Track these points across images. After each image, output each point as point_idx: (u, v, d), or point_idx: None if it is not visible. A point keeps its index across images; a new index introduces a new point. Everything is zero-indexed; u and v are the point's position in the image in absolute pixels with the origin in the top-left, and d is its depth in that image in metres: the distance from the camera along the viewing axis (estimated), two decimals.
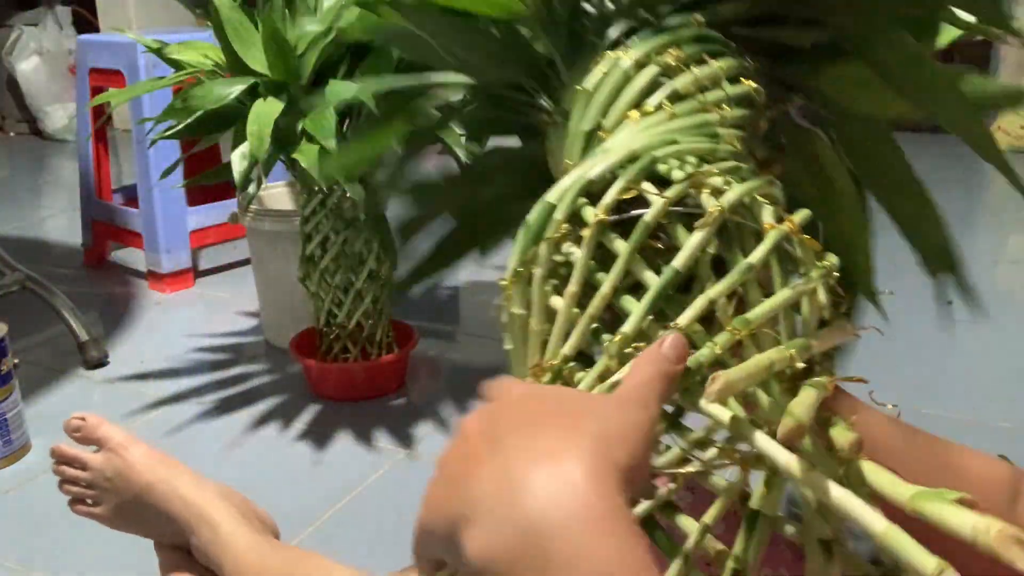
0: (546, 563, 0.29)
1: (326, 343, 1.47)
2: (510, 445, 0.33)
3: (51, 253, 2.30)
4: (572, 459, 0.32)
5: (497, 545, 0.31)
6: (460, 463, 0.35)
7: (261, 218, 1.61)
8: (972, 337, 1.63)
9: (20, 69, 3.49)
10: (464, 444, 0.35)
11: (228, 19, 1.25)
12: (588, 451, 0.32)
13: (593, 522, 0.30)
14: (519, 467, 0.32)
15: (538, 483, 0.31)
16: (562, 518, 0.30)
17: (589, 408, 0.35)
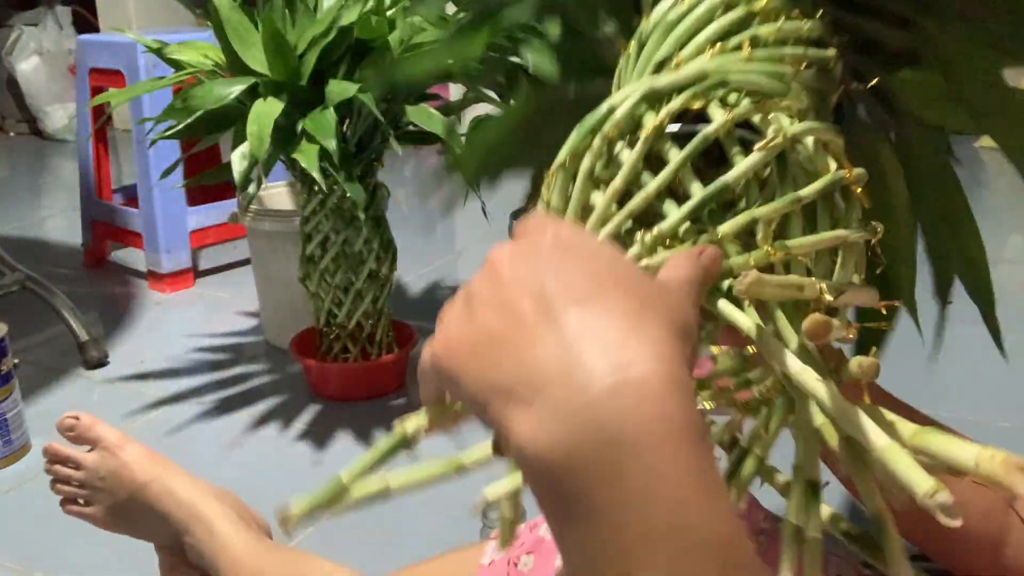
0: (617, 476, 0.26)
1: (326, 343, 1.47)
2: (573, 318, 0.29)
3: (51, 253, 2.30)
4: (649, 357, 0.28)
5: (560, 441, 0.27)
6: (507, 320, 0.30)
7: (261, 218, 1.61)
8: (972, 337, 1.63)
9: (20, 69, 3.49)
10: (508, 294, 0.30)
11: (228, 19, 1.25)
12: (664, 347, 0.28)
13: (673, 438, 0.27)
14: (588, 353, 0.28)
15: (612, 380, 0.27)
16: (640, 429, 0.26)
17: (653, 290, 0.31)
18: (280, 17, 1.29)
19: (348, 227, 1.39)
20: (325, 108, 1.22)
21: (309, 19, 1.31)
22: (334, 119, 1.20)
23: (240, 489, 1.25)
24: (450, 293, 1.96)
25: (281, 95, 1.22)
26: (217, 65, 1.34)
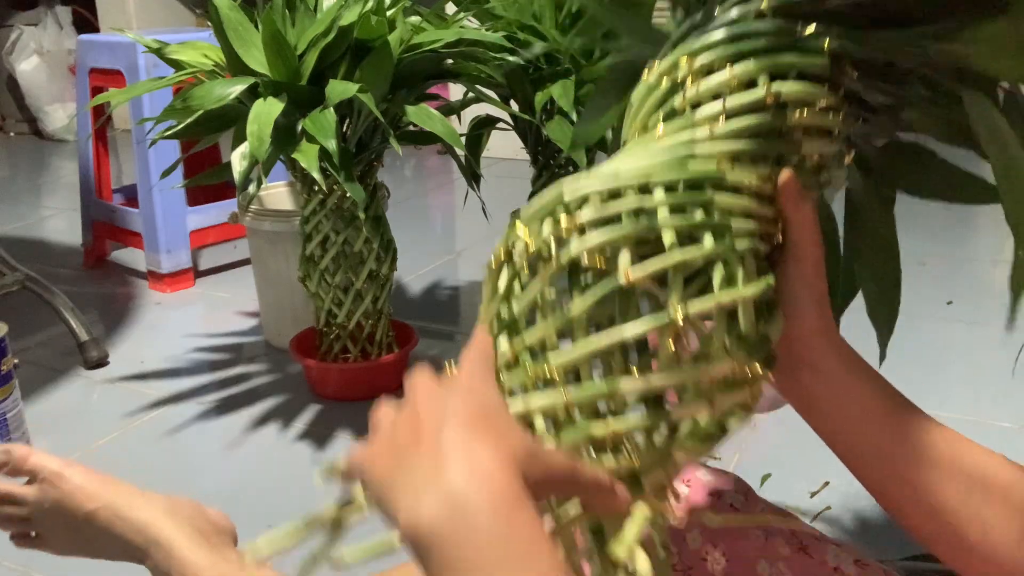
0: (469, 533, 0.37)
1: (326, 343, 1.47)
2: (447, 438, 0.41)
3: (51, 253, 2.30)
4: (489, 457, 0.40)
5: (423, 510, 0.38)
6: (408, 437, 0.42)
7: (261, 218, 1.61)
8: (972, 337, 1.63)
9: (20, 69, 3.49)
10: (414, 420, 0.43)
11: (228, 19, 1.25)
12: (496, 451, 0.41)
13: (507, 502, 0.38)
14: (449, 456, 0.40)
15: (461, 469, 0.39)
16: (483, 498, 0.38)
17: (491, 415, 0.43)
18: (280, 17, 1.29)
19: (348, 227, 1.39)
20: (325, 108, 1.22)
21: (309, 19, 1.31)
22: (334, 119, 1.20)
23: (240, 489, 1.25)
24: (450, 293, 1.96)
25: (281, 95, 1.22)
26: (217, 65, 1.34)
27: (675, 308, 0.46)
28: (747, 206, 0.50)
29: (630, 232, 0.47)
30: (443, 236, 2.48)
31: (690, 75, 0.52)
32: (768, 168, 0.51)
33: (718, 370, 0.47)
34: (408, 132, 1.42)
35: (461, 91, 1.67)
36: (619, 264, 0.47)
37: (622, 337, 0.47)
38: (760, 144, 0.50)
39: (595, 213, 0.48)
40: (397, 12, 1.31)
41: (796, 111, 0.50)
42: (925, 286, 1.86)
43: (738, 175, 0.50)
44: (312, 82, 1.25)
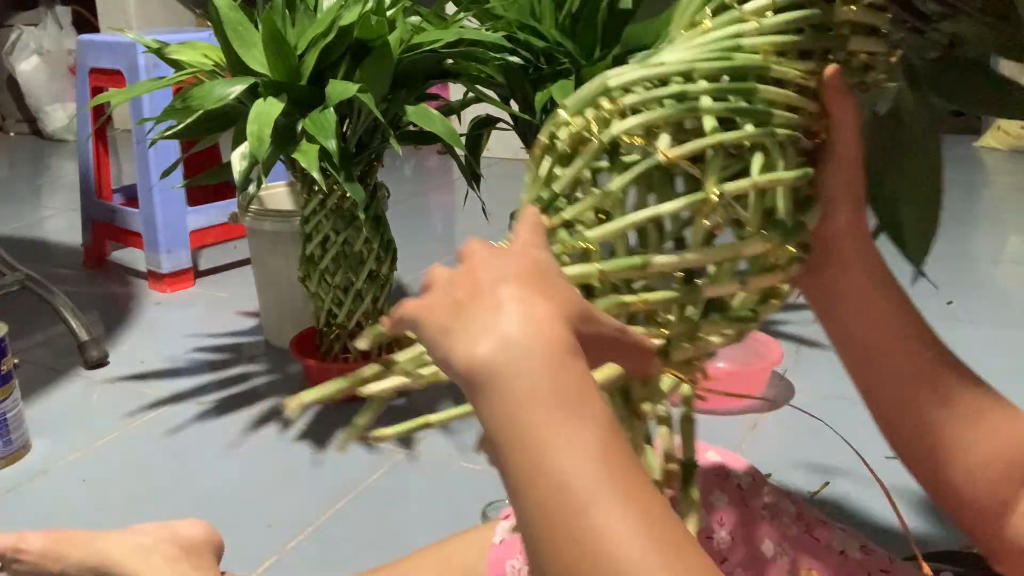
0: (521, 371, 0.39)
1: (326, 343, 1.47)
2: (504, 292, 0.42)
3: (51, 253, 2.30)
4: (544, 310, 0.41)
5: (479, 352, 0.40)
6: (466, 291, 0.43)
7: (261, 218, 1.61)
8: (972, 337, 1.63)
9: (20, 69, 3.49)
10: (472, 277, 0.44)
11: (228, 19, 1.25)
12: (551, 305, 0.42)
13: (559, 348, 0.40)
14: (506, 306, 0.41)
15: (517, 318, 0.41)
16: (537, 343, 0.40)
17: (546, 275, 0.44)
18: (280, 17, 1.29)
19: (348, 227, 1.39)
20: (325, 108, 1.22)
21: (309, 19, 1.31)
22: (334, 119, 1.20)
23: (240, 489, 1.25)
24: None
25: (281, 95, 1.22)
26: (217, 65, 1.34)
27: (711, 186, 0.47)
28: (791, 99, 0.50)
29: (671, 114, 0.48)
30: (443, 236, 2.48)
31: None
32: (814, 63, 0.51)
33: (751, 250, 0.48)
34: (408, 132, 1.42)
35: (461, 91, 1.67)
36: (659, 144, 0.48)
37: (657, 212, 0.48)
38: (807, 38, 0.51)
39: (638, 97, 0.49)
40: (397, 12, 1.31)
41: (843, 5, 0.51)
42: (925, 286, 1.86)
43: (783, 68, 0.50)
44: (312, 82, 1.25)
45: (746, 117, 0.49)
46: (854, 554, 0.61)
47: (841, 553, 0.61)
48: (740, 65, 0.50)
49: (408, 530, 1.14)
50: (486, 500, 1.15)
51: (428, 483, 1.25)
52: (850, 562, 0.61)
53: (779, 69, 0.50)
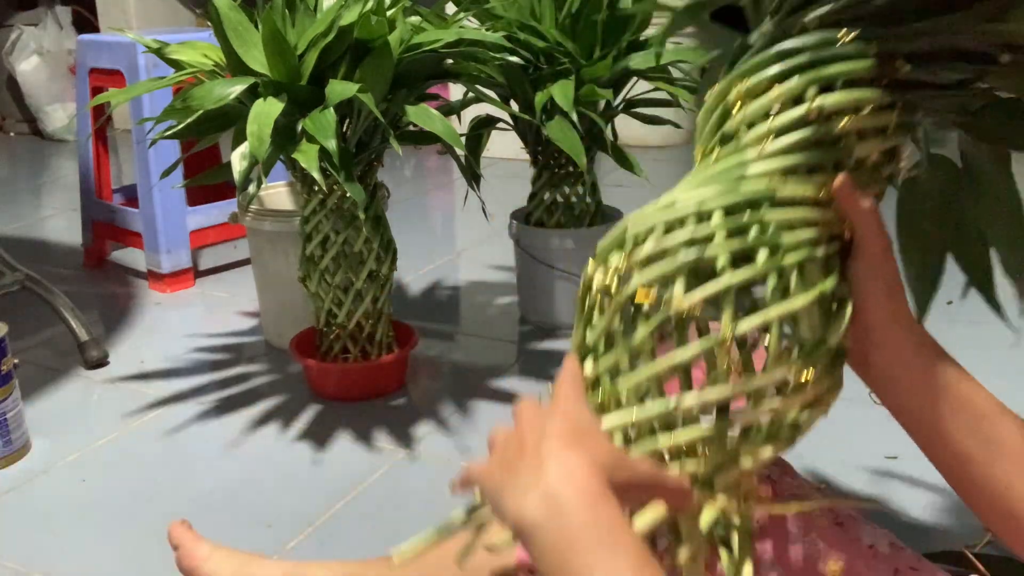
0: (563, 522, 0.46)
1: (326, 343, 1.47)
2: (545, 450, 0.49)
3: (51, 253, 2.30)
4: (579, 465, 0.48)
5: (527, 508, 0.47)
6: (515, 452, 0.50)
7: (261, 218, 1.61)
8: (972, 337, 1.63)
9: (20, 69, 3.49)
10: (520, 439, 0.51)
11: (228, 19, 1.25)
12: (585, 459, 0.48)
13: (591, 495, 0.46)
14: (546, 463, 0.48)
15: (556, 473, 0.47)
16: (572, 494, 0.46)
17: (584, 431, 0.51)
18: (280, 17, 1.29)
19: (348, 227, 1.39)
20: (325, 108, 1.22)
21: (309, 19, 1.31)
22: (334, 119, 1.20)
23: (240, 489, 1.25)
24: (450, 293, 1.96)
25: (281, 95, 1.22)
26: (217, 65, 1.34)
27: (726, 327, 0.50)
28: (805, 216, 0.52)
29: (684, 263, 0.51)
30: (443, 236, 2.48)
31: (739, 98, 0.54)
32: (825, 176, 0.52)
33: (775, 377, 0.50)
34: (408, 132, 1.42)
35: (461, 91, 1.67)
36: (674, 293, 0.51)
37: (675, 362, 0.51)
38: (811, 155, 0.52)
39: (653, 247, 0.52)
40: (397, 12, 1.31)
41: (844, 118, 0.52)
42: None
43: (792, 188, 0.52)
44: (312, 82, 1.25)
45: (758, 247, 0.51)
46: (883, 549, 0.61)
47: (871, 547, 0.61)
48: (748, 195, 0.52)
49: (408, 530, 1.13)
50: None
51: (428, 483, 1.25)
52: (879, 556, 0.61)
53: (788, 191, 0.52)
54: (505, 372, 1.58)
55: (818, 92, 0.52)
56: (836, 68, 0.52)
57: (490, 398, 1.49)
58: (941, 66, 0.52)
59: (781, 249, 0.51)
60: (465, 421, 1.41)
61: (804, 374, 0.51)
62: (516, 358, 1.64)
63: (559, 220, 1.68)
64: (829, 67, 0.52)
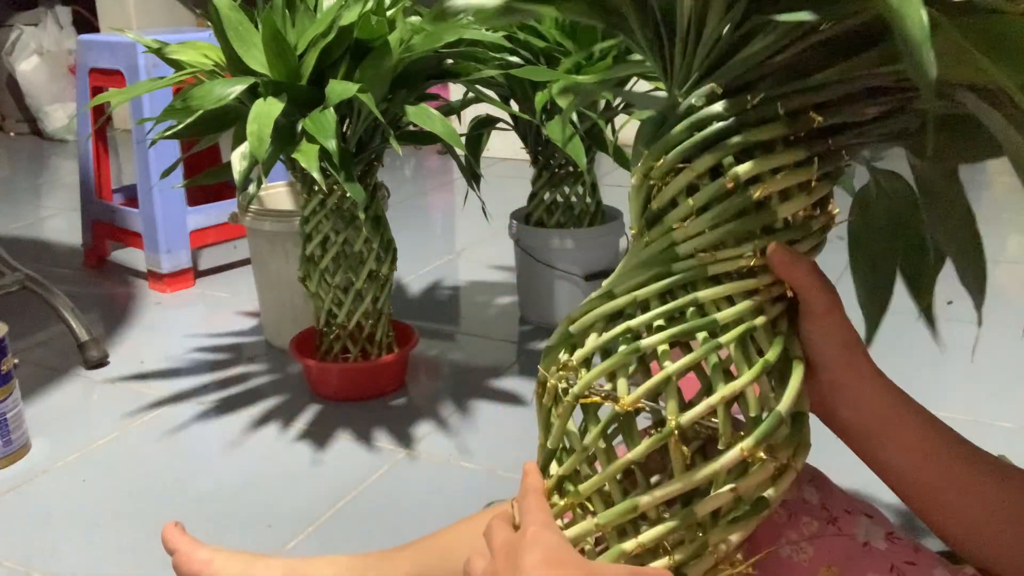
0: None
1: (326, 343, 1.47)
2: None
3: (51, 253, 2.30)
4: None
5: None
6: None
7: (261, 218, 1.61)
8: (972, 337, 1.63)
9: (20, 69, 3.49)
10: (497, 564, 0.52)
11: (228, 19, 1.25)
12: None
13: None
14: None
15: None
16: None
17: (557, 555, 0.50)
18: (280, 17, 1.29)
19: (348, 227, 1.39)
20: (325, 108, 1.22)
21: (309, 19, 1.31)
22: (334, 119, 1.20)
23: (240, 489, 1.25)
24: (450, 293, 1.96)
25: (281, 95, 1.22)
26: (217, 65, 1.34)
27: (671, 419, 0.50)
28: (743, 287, 0.52)
29: (618, 361, 0.52)
30: (443, 236, 2.48)
31: (660, 177, 0.53)
32: (756, 242, 0.52)
33: (730, 461, 0.50)
34: (408, 132, 1.42)
35: (461, 91, 1.67)
36: (618, 391, 0.51)
37: (628, 460, 0.51)
38: (737, 226, 0.51)
39: (593, 345, 0.53)
40: (397, 12, 1.31)
41: (762, 184, 0.51)
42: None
43: (723, 264, 0.52)
44: (312, 82, 1.25)
45: (696, 331, 0.51)
46: (879, 544, 0.61)
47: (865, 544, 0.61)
48: (680, 277, 0.52)
49: (408, 530, 1.13)
50: (486, 500, 1.15)
51: (428, 483, 1.25)
52: (874, 553, 0.60)
53: (719, 268, 0.52)
54: (505, 372, 1.58)
55: (733, 161, 0.51)
56: (747, 136, 0.50)
57: (490, 398, 1.49)
58: (856, 108, 0.51)
59: (718, 327, 0.51)
60: (465, 421, 1.41)
61: (759, 450, 0.50)
62: (516, 358, 1.64)
63: (559, 220, 1.68)
64: (740, 136, 0.50)
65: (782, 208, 0.51)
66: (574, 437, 0.54)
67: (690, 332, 0.51)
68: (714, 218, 0.51)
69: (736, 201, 0.51)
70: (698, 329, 0.51)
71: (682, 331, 0.51)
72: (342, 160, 1.21)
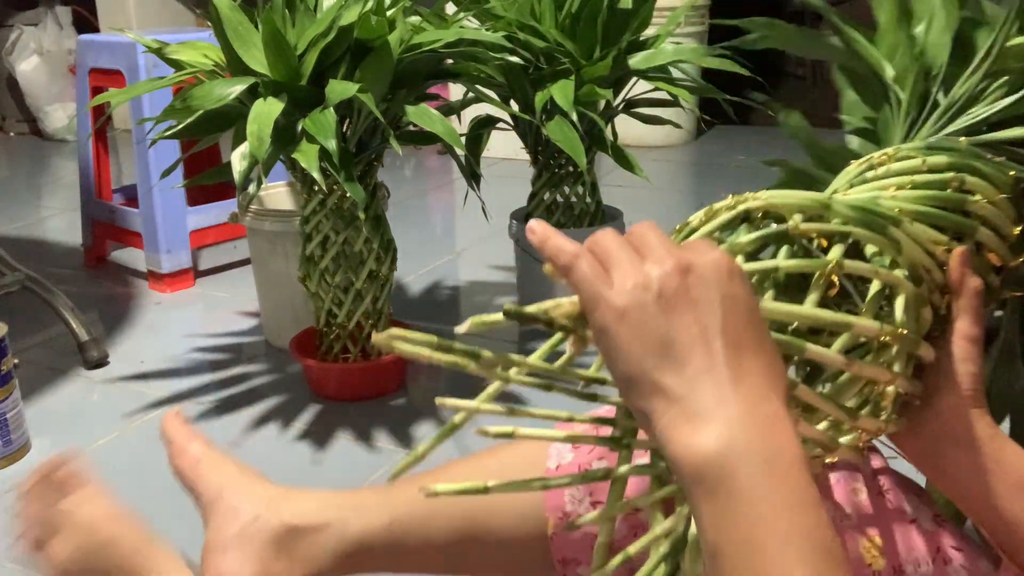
0: (751, 488, 0.38)
1: (326, 343, 1.47)
2: (722, 353, 0.40)
3: (51, 253, 2.30)
4: (777, 405, 0.40)
5: (717, 451, 0.38)
6: (684, 337, 0.40)
7: (261, 218, 1.61)
8: None
9: (20, 69, 3.49)
10: (692, 314, 0.40)
11: (228, 19, 1.25)
12: (782, 398, 0.41)
13: (790, 466, 0.39)
14: (740, 389, 0.40)
15: (742, 408, 0.39)
16: (767, 452, 0.39)
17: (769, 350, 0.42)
18: (280, 17, 1.29)
19: (348, 227, 1.39)
20: (325, 108, 1.22)
21: (309, 19, 1.31)
22: (334, 119, 1.20)
23: None
24: (450, 293, 1.96)
25: (281, 95, 1.22)
26: (217, 65, 1.34)
27: (833, 254, 0.50)
28: (917, 250, 0.53)
29: (804, 204, 0.52)
30: (443, 236, 2.48)
31: (885, 161, 0.58)
32: (946, 237, 0.55)
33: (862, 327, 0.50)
34: (408, 132, 1.42)
35: (461, 91, 1.67)
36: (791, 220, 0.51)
37: (778, 264, 0.50)
38: (939, 215, 0.55)
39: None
40: (397, 12, 1.31)
41: (979, 197, 0.56)
42: None
43: (915, 229, 0.54)
44: (312, 82, 1.25)
45: (882, 246, 0.52)
46: (926, 524, 0.60)
47: (912, 521, 0.60)
48: (877, 209, 0.53)
49: None
50: None
51: None
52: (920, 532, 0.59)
53: (910, 227, 0.54)
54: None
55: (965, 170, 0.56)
56: (983, 165, 0.56)
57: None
58: None
59: (895, 247, 0.52)
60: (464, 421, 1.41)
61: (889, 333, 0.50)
62: None
63: (559, 220, 1.68)
64: (975, 160, 0.57)
65: (980, 231, 0.56)
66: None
67: (870, 230, 0.52)
68: (926, 197, 0.55)
69: (949, 196, 0.55)
70: (877, 237, 0.52)
71: (865, 220, 0.52)
72: (342, 160, 1.21)
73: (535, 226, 0.44)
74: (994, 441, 0.54)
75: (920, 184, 0.56)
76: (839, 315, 0.49)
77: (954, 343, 0.54)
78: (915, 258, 0.53)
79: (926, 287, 0.53)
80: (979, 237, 0.56)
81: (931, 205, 0.55)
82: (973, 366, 0.54)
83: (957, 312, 0.54)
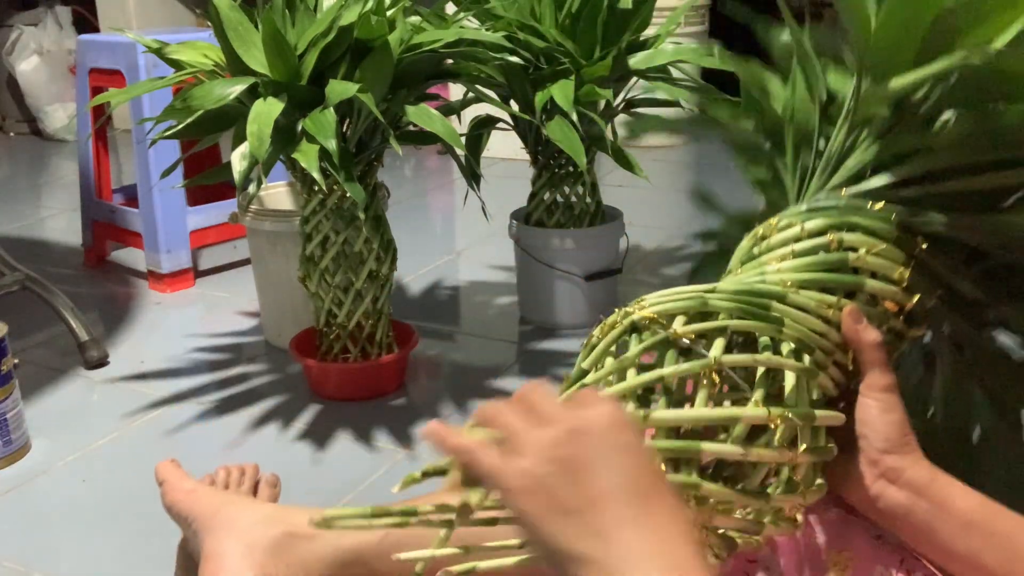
0: None
1: (326, 343, 1.47)
2: (628, 506, 0.41)
3: (51, 253, 2.30)
4: (691, 544, 0.41)
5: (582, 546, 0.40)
6: (567, 490, 0.41)
7: (261, 218, 1.61)
8: None
9: (20, 69, 3.49)
10: (586, 476, 0.42)
11: (228, 19, 1.25)
12: (690, 529, 0.42)
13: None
14: (653, 538, 0.41)
15: (680, 559, 0.40)
16: None
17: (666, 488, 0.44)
18: (280, 17, 1.29)
19: (348, 227, 1.39)
20: (325, 108, 1.22)
21: (309, 19, 1.31)
22: (334, 119, 1.20)
23: None
24: (450, 293, 1.96)
25: (281, 95, 1.22)
26: (217, 65, 1.34)
27: (714, 355, 0.52)
28: (810, 321, 0.55)
29: (687, 306, 0.54)
30: (443, 236, 2.48)
31: (769, 232, 0.60)
32: (835, 298, 0.56)
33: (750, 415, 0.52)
34: (408, 132, 1.42)
35: (461, 91, 1.67)
36: (674, 324, 0.54)
37: (661, 374, 0.52)
38: (826, 277, 0.56)
39: (655, 299, 0.56)
40: (397, 12, 1.31)
41: (860, 251, 0.57)
42: None
43: (801, 298, 0.55)
44: (312, 82, 1.25)
45: (762, 330, 0.54)
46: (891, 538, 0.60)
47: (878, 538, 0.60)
48: (761, 290, 0.55)
49: None
50: None
51: (428, 484, 1.24)
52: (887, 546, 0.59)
53: (796, 297, 0.55)
54: (505, 372, 1.58)
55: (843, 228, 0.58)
56: (862, 218, 0.58)
57: (490, 398, 1.49)
58: (954, 258, 0.58)
59: (782, 332, 0.54)
60: (465, 421, 1.41)
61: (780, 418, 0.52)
62: (516, 358, 1.64)
63: (559, 220, 1.68)
64: (854, 216, 0.58)
65: (869, 282, 0.57)
66: (611, 354, 0.55)
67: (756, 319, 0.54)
68: (809, 264, 0.57)
69: (832, 257, 0.57)
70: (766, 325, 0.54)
71: (747, 310, 0.54)
72: (342, 160, 1.21)
73: (431, 429, 0.49)
74: (934, 484, 0.54)
75: (801, 252, 0.58)
76: (726, 410, 0.51)
77: (869, 397, 0.55)
78: (801, 331, 0.54)
79: (821, 353, 0.55)
80: (869, 289, 0.57)
81: (815, 270, 0.57)
82: (895, 414, 0.55)
83: (863, 367, 0.55)
